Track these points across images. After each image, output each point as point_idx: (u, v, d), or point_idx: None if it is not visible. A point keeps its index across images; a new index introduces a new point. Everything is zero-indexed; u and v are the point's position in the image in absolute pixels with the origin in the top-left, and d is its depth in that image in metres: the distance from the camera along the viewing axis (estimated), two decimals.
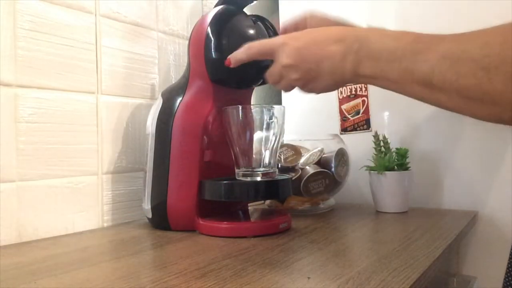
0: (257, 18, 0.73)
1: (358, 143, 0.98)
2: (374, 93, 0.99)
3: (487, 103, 0.38)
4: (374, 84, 0.50)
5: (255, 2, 0.74)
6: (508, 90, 0.36)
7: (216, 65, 0.68)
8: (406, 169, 0.86)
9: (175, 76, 0.92)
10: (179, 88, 0.73)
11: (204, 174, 0.69)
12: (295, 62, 0.54)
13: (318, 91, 0.56)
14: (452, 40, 0.41)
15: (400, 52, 0.45)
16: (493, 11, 0.85)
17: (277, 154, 0.72)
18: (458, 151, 0.91)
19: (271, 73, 0.58)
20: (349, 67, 0.49)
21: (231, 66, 0.62)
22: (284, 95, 1.14)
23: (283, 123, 0.70)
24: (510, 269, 0.59)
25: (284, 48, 0.55)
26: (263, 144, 0.69)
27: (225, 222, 0.66)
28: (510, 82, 0.36)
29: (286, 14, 1.11)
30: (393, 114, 0.98)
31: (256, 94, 1.15)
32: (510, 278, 0.59)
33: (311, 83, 0.55)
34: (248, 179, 0.68)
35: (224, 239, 0.63)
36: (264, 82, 0.76)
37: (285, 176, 0.72)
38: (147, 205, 0.72)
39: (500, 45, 0.37)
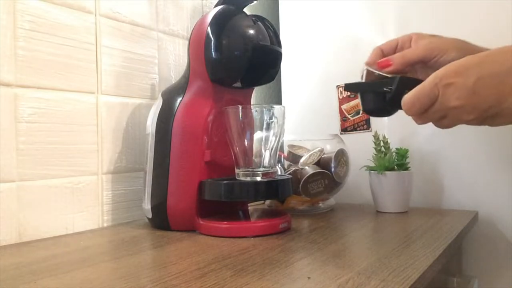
0: (257, 18, 0.73)
1: (358, 143, 0.98)
2: None
3: None
4: None
5: (255, 2, 0.74)
6: None
7: (216, 65, 0.68)
8: (406, 169, 0.86)
9: (175, 76, 0.92)
10: (179, 88, 0.73)
11: (204, 174, 0.69)
12: (469, 103, 0.46)
13: (498, 125, 0.48)
14: None
15: None
16: (493, 11, 0.85)
17: (277, 154, 0.72)
18: (458, 151, 0.91)
19: (429, 115, 0.50)
20: None
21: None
22: (284, 95, 1.14)
23: (283, 123, 0.70)
24: None
25: (450, 89, 0.47)
26: (263, 144, 0.69)
27: (225, 222, 0.66)
28: None
29: (286, 14, 1.11)
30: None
31: (256, 94, 1.15)
32: None
33: (489, 121, 0.47)
34: (248, 179, 0.68)
35: (224, 239, 0.63)
36: (264, 82, 0.76)
37: (285, 176, 0.72)
38: (147, 205, 0.72)
39: None
